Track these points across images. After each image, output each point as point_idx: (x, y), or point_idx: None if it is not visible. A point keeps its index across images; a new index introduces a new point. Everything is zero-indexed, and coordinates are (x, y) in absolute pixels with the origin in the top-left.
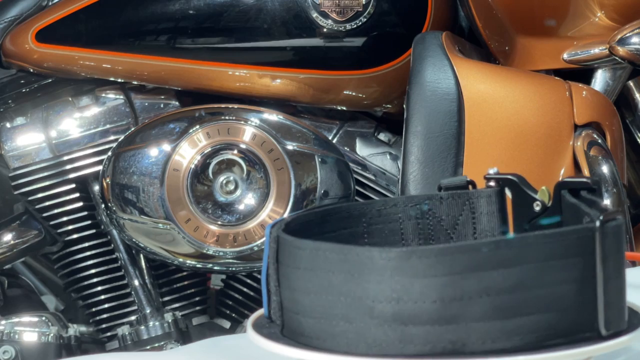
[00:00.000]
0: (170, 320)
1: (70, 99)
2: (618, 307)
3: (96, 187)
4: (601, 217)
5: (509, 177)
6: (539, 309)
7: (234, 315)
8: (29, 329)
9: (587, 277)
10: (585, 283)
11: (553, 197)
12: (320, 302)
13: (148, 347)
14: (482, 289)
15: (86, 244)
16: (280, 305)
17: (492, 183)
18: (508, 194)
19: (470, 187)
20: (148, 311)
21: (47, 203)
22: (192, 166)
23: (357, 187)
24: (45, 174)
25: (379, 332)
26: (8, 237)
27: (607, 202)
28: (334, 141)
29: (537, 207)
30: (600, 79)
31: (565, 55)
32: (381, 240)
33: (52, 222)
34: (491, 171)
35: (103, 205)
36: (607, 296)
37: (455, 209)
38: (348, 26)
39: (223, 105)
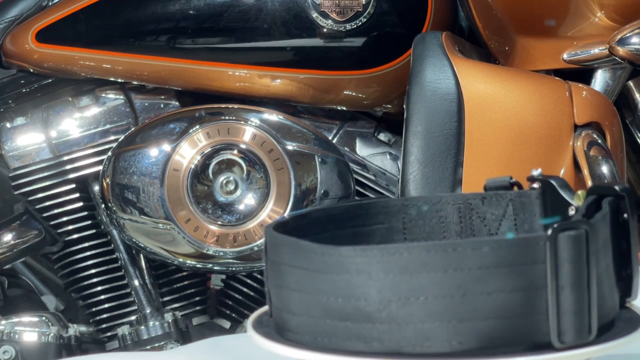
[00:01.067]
0: (170, 320)
1: (70, 99)
2: (577, 318)
3: (96, 187)
4: (555, 226)
5: (549, 179)
6: (481, 315)
7: (234, 315)
8: (29, 329)
9: (537, 286)
10: (535, 292)
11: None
12: (287, 296)
13: (148, 347)
14: (419, 291)
15: (86, 244)
16: (269, 297)
17: (535, 185)
18: None
19: (515, 188)
20: (148, 311)
21: (47, 203)
22: (192, 166)
23: (357, 187)
24: (45, 174)
25: (331, 327)
26: (8, 237)
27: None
28: (334, 141)
29: (571, 212)
30: (600, 79)
31: (565, 55)
32: (421, 237)
33: (52, 222)
34: (535, 172)
35: (103, 205)
36: (562, 306)
37: (498, 209)
38: (348, 26)
39: (223, 105)
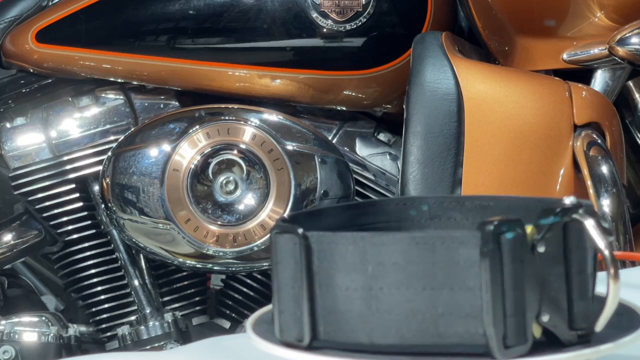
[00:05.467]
0: (170, 320)
1: (70, 99)
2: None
3: (96, 187)
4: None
5: None
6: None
7: (234, 315)
8: (29, 329)
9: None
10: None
11: None
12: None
13: (148, 347)
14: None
15: (86, 244)
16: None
17: None
18: None
19: None
20: (148, 311)
21: (47, 203)
22: (192, 166)
23: (357, 187)
24: (45, 174)
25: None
26: (8, 237)
27: (606, 202)
28: (334, 141)
29: None
30: (600, 79)
31: (565, 56)
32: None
33: (52, 222)
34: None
35: (103, 205)
36: (281, 305)
37: None
38: (348, 26)
39: (223, 106)
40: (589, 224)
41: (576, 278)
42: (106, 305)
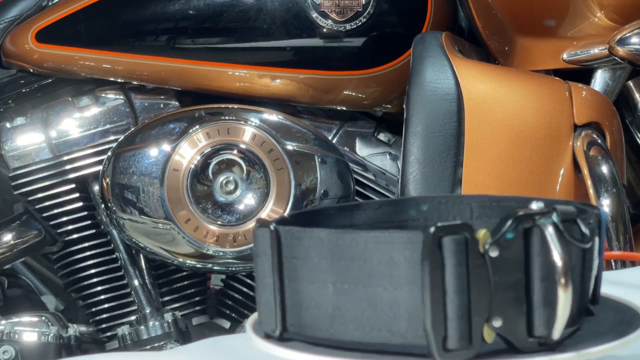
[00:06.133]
0: (170, 320)
1: (70, 99)
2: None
3: (96, 187)
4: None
5: None
6: None
7: (234, 315)
8: (29, 329)
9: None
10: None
11: None
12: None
13: (148, 347)
14: None
15: (86, 244)
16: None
17: None
18: None
19: None
20: (148, 311)
21: (47, 203)
22: (192, 166)
23: (357, 187)
24: (45, 174)
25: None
26: (8, 237)
27: (606, 202)
28: (334, 141)
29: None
30: (600, 79)
31: (565, 56)
32: None
33: (52, 222)
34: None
35: (103, 205)
36: (259, 297)
37: None
38: (348, 26)
39: (223, 105)
40: (549, 231)
41: (538, 284)
42: (106, 305)
